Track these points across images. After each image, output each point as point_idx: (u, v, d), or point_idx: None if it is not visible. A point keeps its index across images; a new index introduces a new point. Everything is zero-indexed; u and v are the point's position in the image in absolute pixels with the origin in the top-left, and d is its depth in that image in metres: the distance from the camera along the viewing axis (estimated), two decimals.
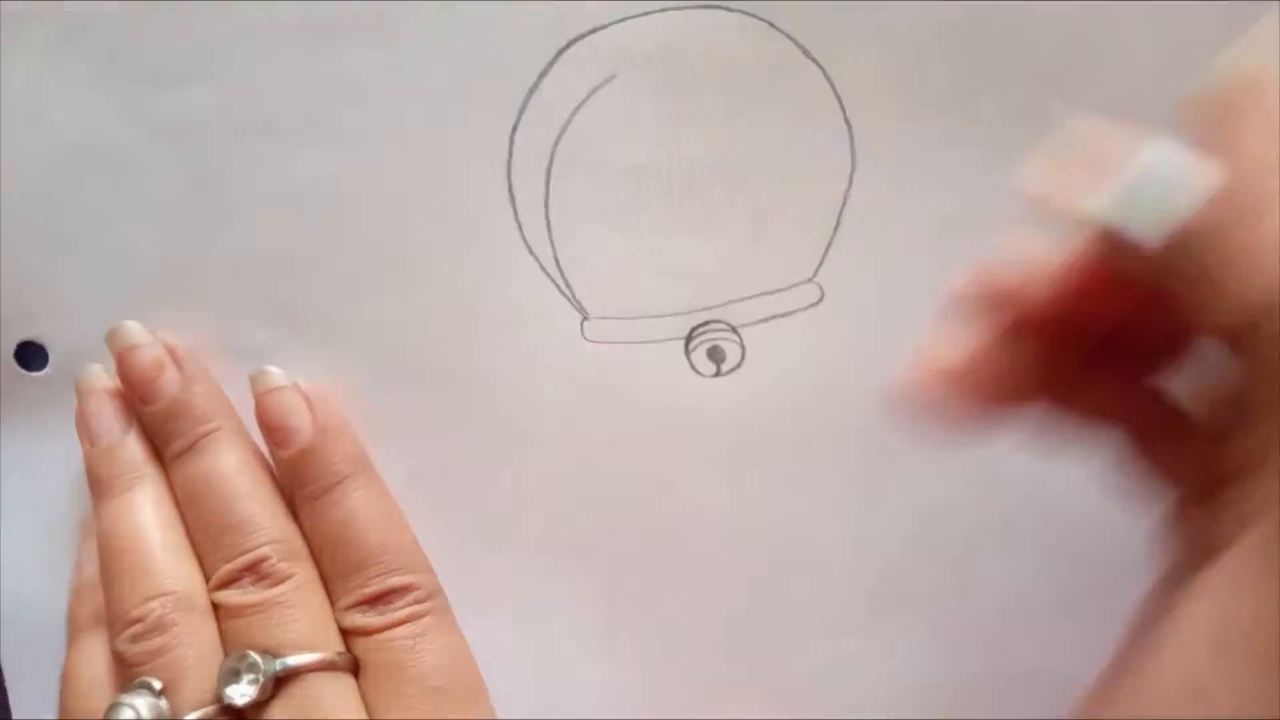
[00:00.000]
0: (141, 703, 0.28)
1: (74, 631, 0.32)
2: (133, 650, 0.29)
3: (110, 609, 0.30)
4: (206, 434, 0.31)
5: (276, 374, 0.31)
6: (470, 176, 0.31)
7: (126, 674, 0.29)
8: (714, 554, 0.32)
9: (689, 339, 0.31)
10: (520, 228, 0.31)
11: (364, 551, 0.30)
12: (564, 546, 0.32)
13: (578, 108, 0.30)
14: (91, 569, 0.32)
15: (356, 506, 0.30)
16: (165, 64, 0.31)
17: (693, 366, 0.31)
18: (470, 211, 0.31)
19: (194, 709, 0.28)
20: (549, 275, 0.31)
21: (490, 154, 0.30)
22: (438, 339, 0.31)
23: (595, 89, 0.30)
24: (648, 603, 0.32)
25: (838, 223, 0.30)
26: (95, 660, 0.31)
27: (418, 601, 0.30)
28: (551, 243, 0.31)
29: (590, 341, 0.31)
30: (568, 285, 0.31)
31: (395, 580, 0.30)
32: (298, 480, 0.31)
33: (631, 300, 0.31)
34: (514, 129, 0.30)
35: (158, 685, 0.28)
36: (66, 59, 0.31)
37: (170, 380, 0.31)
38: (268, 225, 0.31)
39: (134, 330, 0.32)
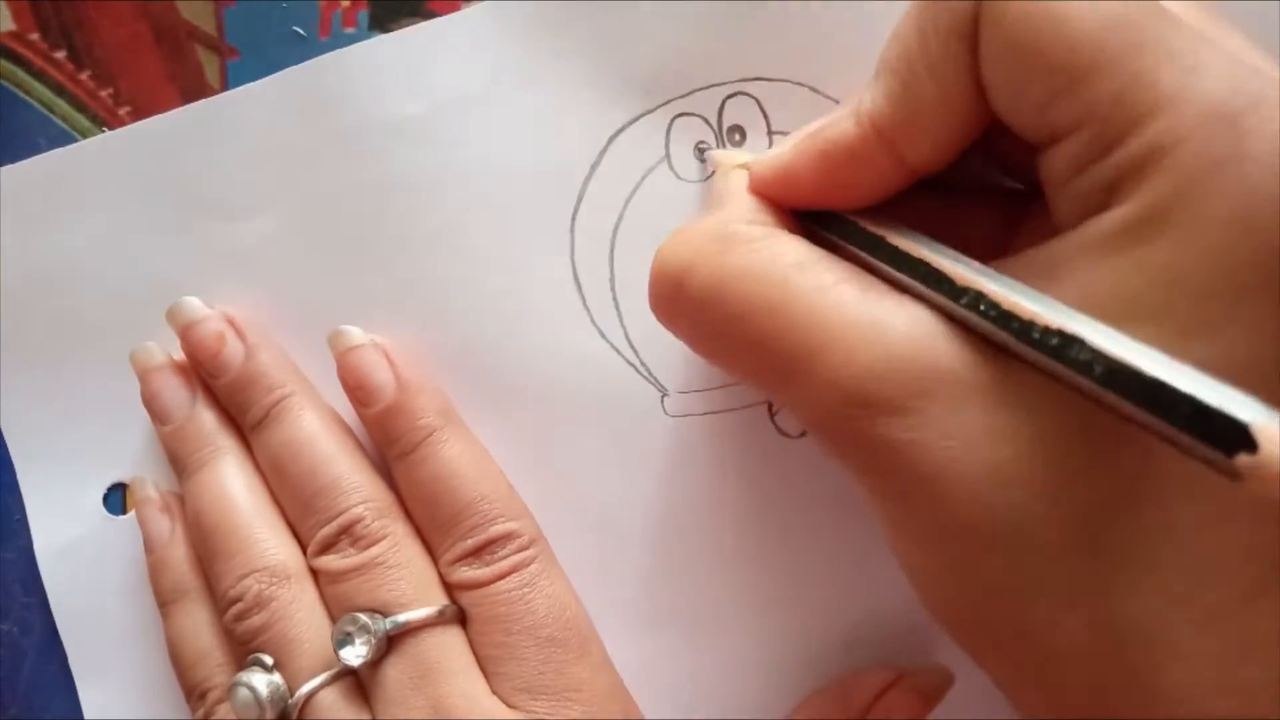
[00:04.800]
0: (257, 680, 0.28)
1: (161, 605, 0.32)
2: (239, 629, 0.29)
3: (211, 587, 0.31)
4: (279, 400, 0.31)
5: (355, 332, 0.31)
6: (535, 268, 0.31)
7: (237, 651, 0.30)
8: (821, 613, 0.31)
9: (771, 401, 0.31)
10: (590, 313, 0.31)
11: (461, 504, 0.29)
12: (669, 620, 0.32)
13: (633, 190, 0.31)
14: (163, 545, 0.32)
15: (448, 459, 0.30)
16: (230, 198, 0.32)
17: (778, 428, 0.31)
18: (539, 303, 0.31)
19: (308, 678, 0.28)
20: (624, 357, 0.31)
21: (552, 244, 0.31)
22: (518, 433, 0.32)
23: (648, 171, 0.31)
24: (747, 663, 0.32)
25: None
26: (190, 631, 0.31)
27: (521, 549, 0.29)
28: (622, 325, 0.31)
29: (672, 417, 0.31)
30: (643, 364, 0.31)
31: (496, 529, 0.29)
32: (386, 437, 0.30)
33: (709, 371, 0.31)
34: (573, 218, 0.31)
35: (269, 661, 0.29)
36: (138, 208, 0.32)
37: (234, 351, 0.31)
38: None
39: (192, 305, 0.32)
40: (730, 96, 0.30)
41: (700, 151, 0.30)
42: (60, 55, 0.33)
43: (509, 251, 0.31)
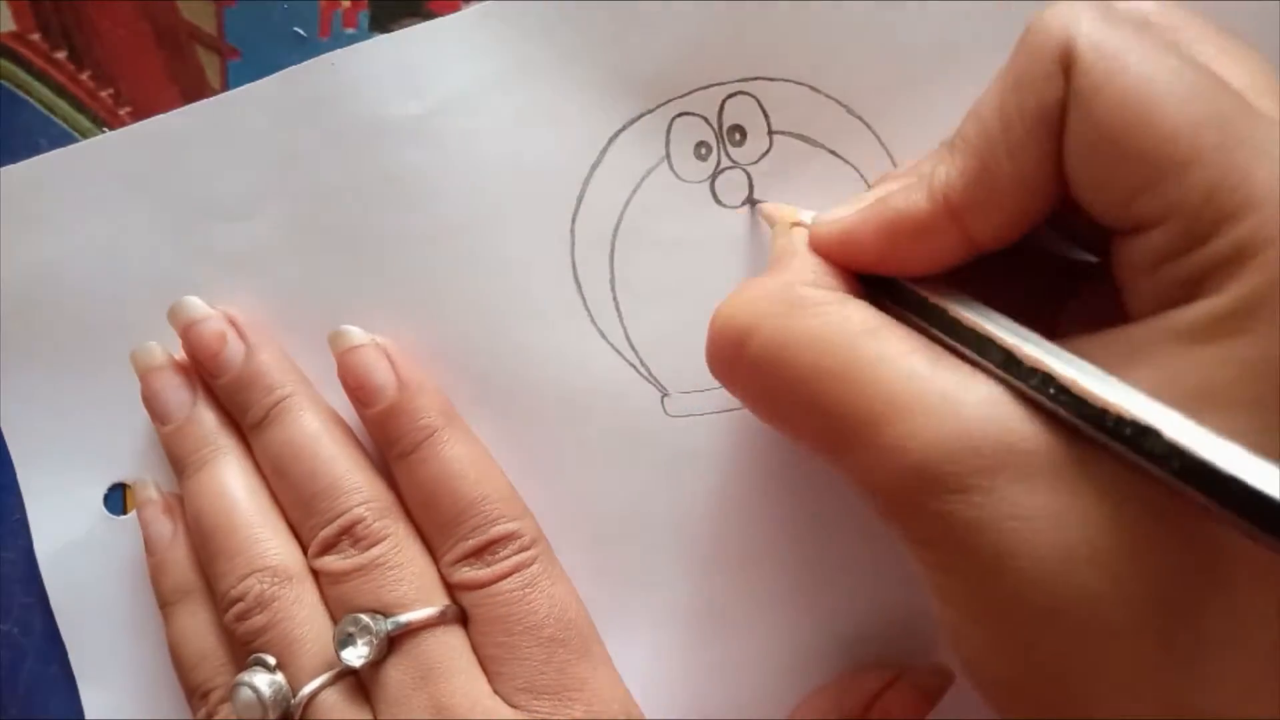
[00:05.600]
0: (260, 680, 0.28)
1: (162, 606, 0.32)
2: (241, 629, 0.29)
3: (212, 587, 0.31)
4: (279, 401, 0.31)
5: (355, 332, 0.31)
6: (535, 269, 0.31)
7: (239, 651, 0.30)
8: (821, 613, 0.31)
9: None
10: (590, 313, 0.31)
11: (462, 504, 0.30)
12: (669, 620, 0.32)
13: (634, 190, 0.31)
14: (164, 547, 0.32)
15: (449, 459, 0.30)
16: (230, 198, 0.32)
17: None
18: (539, 303, 0.31)
19: (310, 678, 0.28)
20: (624, 357, 0.31)
21: (553, 245, 0.31)
22: (518, 433, 0.32)
23: (649, 170, 0.31)
24: (747, 662, 0.32)
25: None
26: (192, 632, 0.31)
27: (522, 549, 0.30)
28: (623, 325, 0.31)
29: (673, 417, 0.31)
30: (644, 364, 0.31)
31: (497, 529, 0.29)
32: (386, 438, 0.30)
33: (708, 371, 0.31)
34: (573, 218, 0.31)
35: (272, 661, 0.29)
36: (136, 205, 0.32)
37: (234, 351, 0.31)
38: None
39: (194, 305, 0.32)
40: (730, 96, 0.30)
41: (749, 201, 0.30)
42: (61, 56, 0.33)
43: (509, 252, 0.31)
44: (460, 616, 0.29)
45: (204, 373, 0.32)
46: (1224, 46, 0.22)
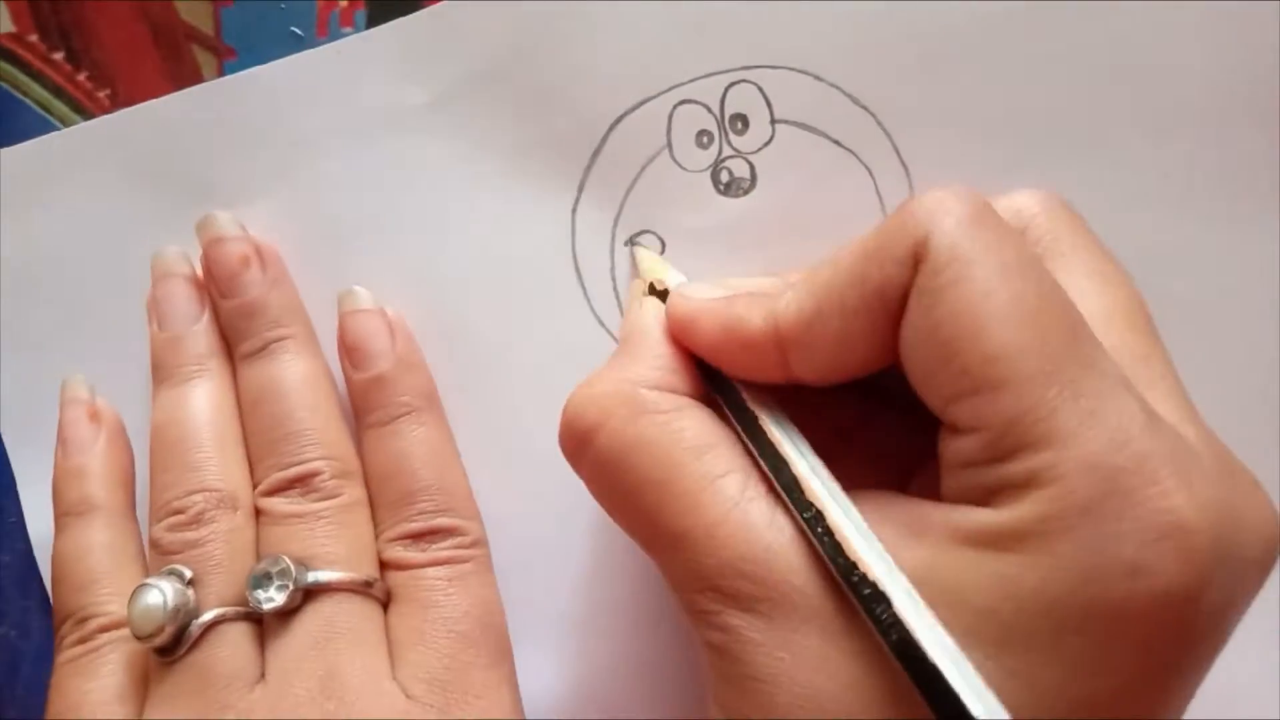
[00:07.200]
0: (169, 587, 0.27)
1: (60, 516, 0.31)
2: (168, 538, 0.29)
3: (154, 495, 0.30)
4: (280, 338, 0.31)
5: (364, 295, 0.31)
6: (536, 257, 0.31)
7: (158, 560, 0.29)
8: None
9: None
10: (590, 302, 0.31)
11: (417, 486, 0.29)
12: (664, 618, 0.31)
13: (635, 179, 0.31)
14: (83, 451, 0.31)
15: (417, 441, 0.30)
16: (225, 185, 0.32)
17: None
18: (539, 291, 0.31)
19: (218, 605, 0.28)
20: None
21: (553, 233, 0.31)
22: (517, 420, 0.31)
23: (650, 159, 0.30)
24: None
25: None
26: (93, 549, 0.30)
27: (460, 546, 0.29)
28: (622, 314, 0.31)
29: None
30: None
31: (443, 520, 0.29)
32: (366, 405, 0.30)
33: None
34: (574, 207, 0.31)
35: (188, 574, 0.28)
36: (136, 188, 0.32)
37: (253, 278, 0.31)
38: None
39: (224, 221, 0.31)
40: (733, 84, 0.30)
41: (629, 241, 0.31)
42: (58, 56, 0.33)
43: (509, 240, 0.31)
44: (384, 596, 0.29)
45: (217, 289, 0.31)
46: (1096, 268, 0.23)
